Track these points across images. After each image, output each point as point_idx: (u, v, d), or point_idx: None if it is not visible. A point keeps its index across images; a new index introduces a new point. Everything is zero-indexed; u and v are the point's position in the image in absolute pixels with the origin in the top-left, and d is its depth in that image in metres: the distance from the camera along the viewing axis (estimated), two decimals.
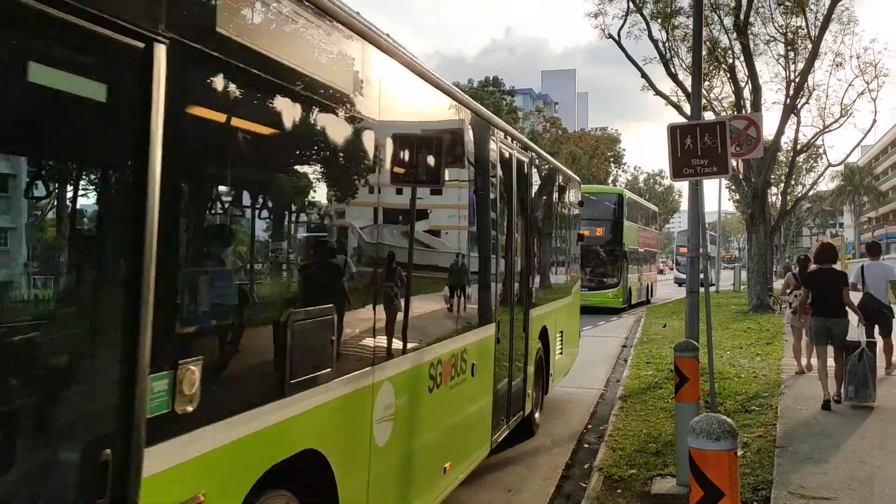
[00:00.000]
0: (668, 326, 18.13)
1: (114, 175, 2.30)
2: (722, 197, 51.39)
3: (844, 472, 5.87)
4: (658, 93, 25.16)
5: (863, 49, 40.33)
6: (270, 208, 3.16)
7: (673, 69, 24.24)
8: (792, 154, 27.66)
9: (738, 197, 26.48)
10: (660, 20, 24.28)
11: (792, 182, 34.83)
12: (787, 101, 23.66)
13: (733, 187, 26.95)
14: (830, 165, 35.02)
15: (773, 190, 31.45)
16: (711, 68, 24.51)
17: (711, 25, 23.46)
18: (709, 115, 21.73)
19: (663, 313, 22.99)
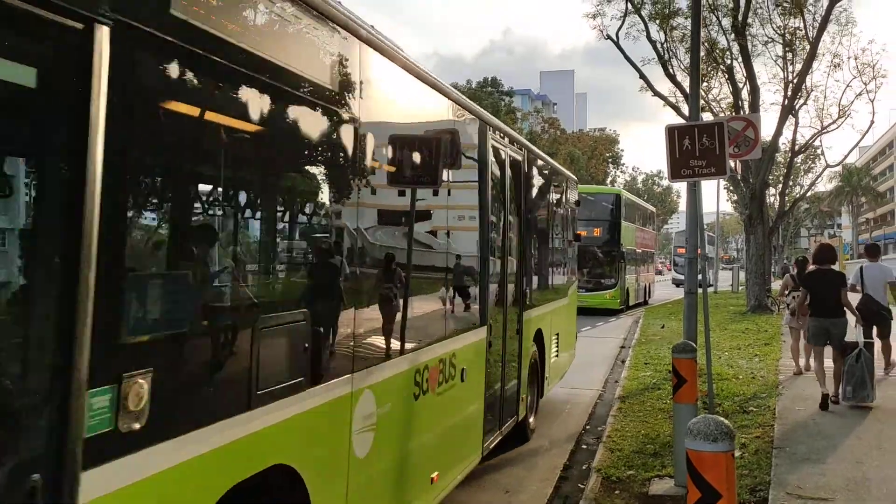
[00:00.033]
0: (667, 327, 18.15)
1: (47, 170, 2.11)
2: (720, 198, 51.40)
3: (842, 473, 5.88)
4: (656, 94, 25.22)
5: (861, 50, 40.61)
6: (232, 205, 2.90)
7: (671, 70, 24.30)
8: (790, 155, 27.75)
9: (737, 198, 26.52)
10: (658, 21, 24.32)
11: (790, 183, 34.91)
12: (786, 101, 23.73)
13: (731, 188, 27.01)
14: (828, 166, 35.19)
15: (771, 191, 31.52)
16: (710, 69, 24.55)
17: (710, 26, 23.51)
18: (707, 116, 21.81)
19: (661, 314, 23.00)
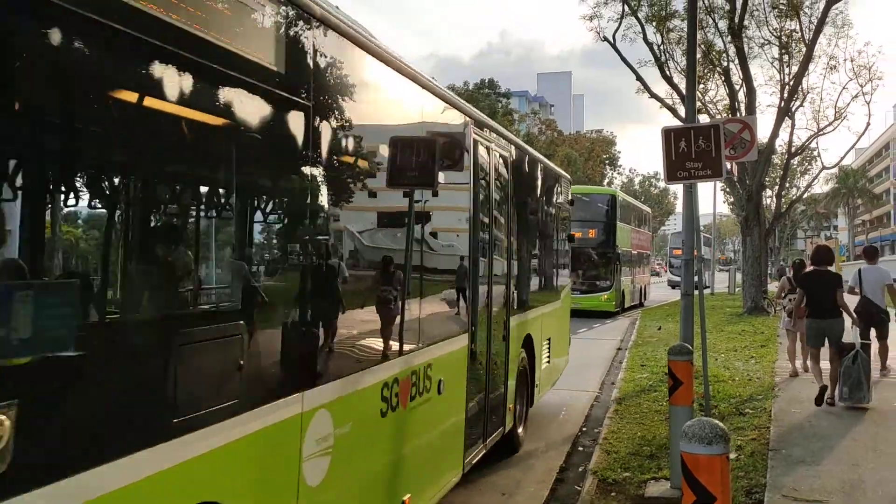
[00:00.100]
0: (663, 329, 18.16)
1: None
2: (717, 199, 51.50)
3: (838, 475, 5.89)
4: (653, 95, 25.26)
5: (857, 52, 40.15)
6: (138, 196, 2.48)
7: (668, 72, 24.32)
8: (786, 157, 27.75)
9: (733, 199, 26.56)
10: (654, 23, 24.34)
11: (786, 185, 34.92)
12: (782, 103, 23.77)
13: (728, 190, 27.03)
14: (825, 168, 35.31)
15: (767, 192, 31.46)
16: (706, 71, 24.58)
17: (706, 28, 23.54)
18: (703, 118, 21.82)
19: (658, 316, 23.02)
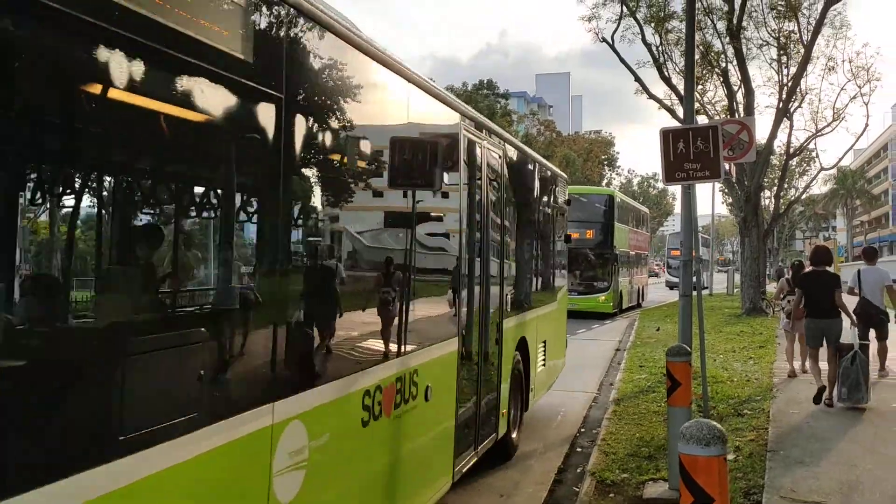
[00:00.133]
0: (662, 330, 18.17)
1: None
2: (715, 200, 51.48)
3: (836, 477, 5.89)
4: (651, 96, 25.28)
5: (855, 53, 40.69)
6: (91, 189, 2.30)
7: (666, 73, 24.34)
8: (785, 158, 27.80)
9: (732, 200, 26.59)
10: (653, 24, 24.36)
11: (785, 185, 34.98)
12: (780, 104, 23.79)
13: (727, 191, 27.07)
14: (823, 169, 35.46)
15: (766, 193, 31.50)
16: (704, 72, 24.60)
17: (704, 30, 23.56)
18: (702, 119, 21.84)
19: (657, 316, 23.03)
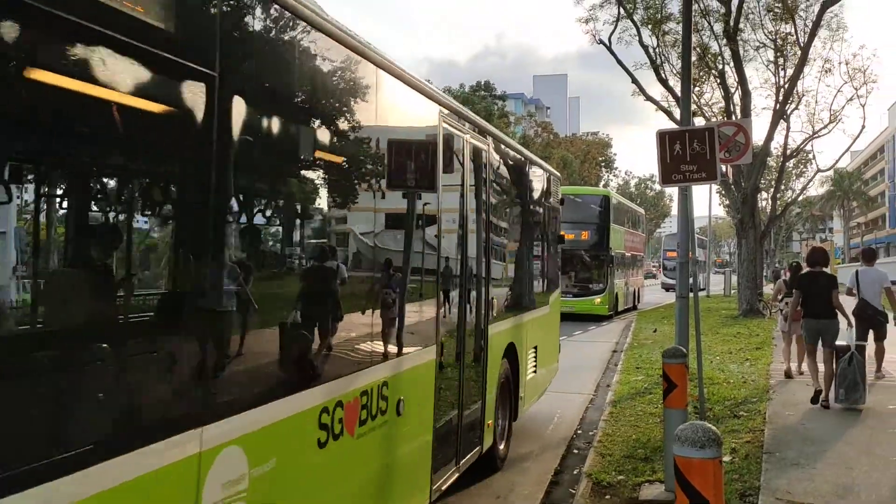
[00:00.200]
0: (659, 331, 18.18)
1: None
2: (712, 201, 51.70)
3: (831, 478, 5.89)
4: (648, 98, 25.33)
5: (852, 55, 40.60)
6: None
7: (663, 74, 24.39)
8: (781, 159, 27.87)
9: (729, 202, 26.62)
10: (650, 26, 24.42)
11: (781, 187, 35.03)
12: (777, 106, 23.85)
13: (723, 192, 27.13)
14: (820, 171, 35.47)
15: (762, 195, 31.62)
16: (701, 74, 24.66)
17: (701, 31, 23.63)
18: (699, 121, 21.88)
19: (654, 318, 23.05)
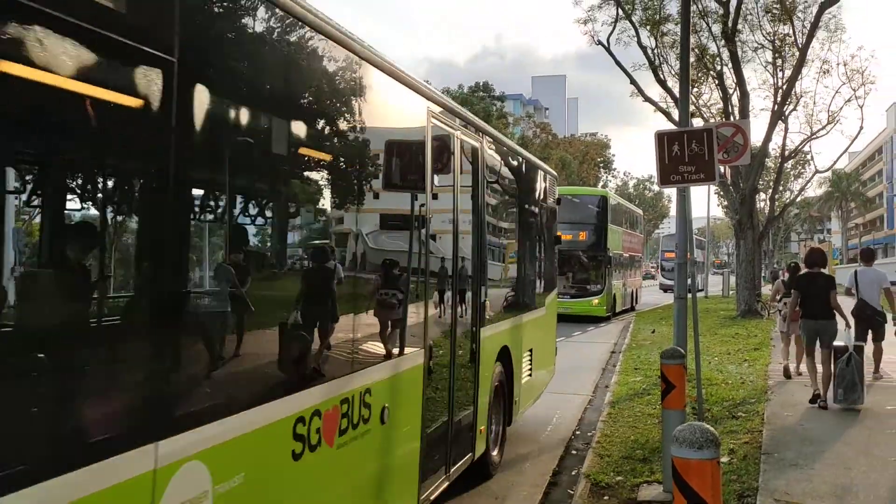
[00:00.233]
0: (657, 332, 18.19)
1: None
2: (711, 202, 51.72)
3: (830, 479, 5.89)
4: (647, 99, 25.35)
5: (850, 56, 40.61)
6: None
7: (662, 75, 24.42)
8: (780, 160, 27.92)
9: (727, 203, 26.65)
10: (648, 27, 24.44)
11: (780, 188, 35.10)
12: (775, 107, 23.88)
13: (722, 193, 27.16)
14: (818, 172, 35.45)
15: (761, 196, 31.70)
16: (700, 75, 24.69)
17: (700, 32, 23.66)
18: (697, 122, 21.90)
19: (652, 319, 23.06)
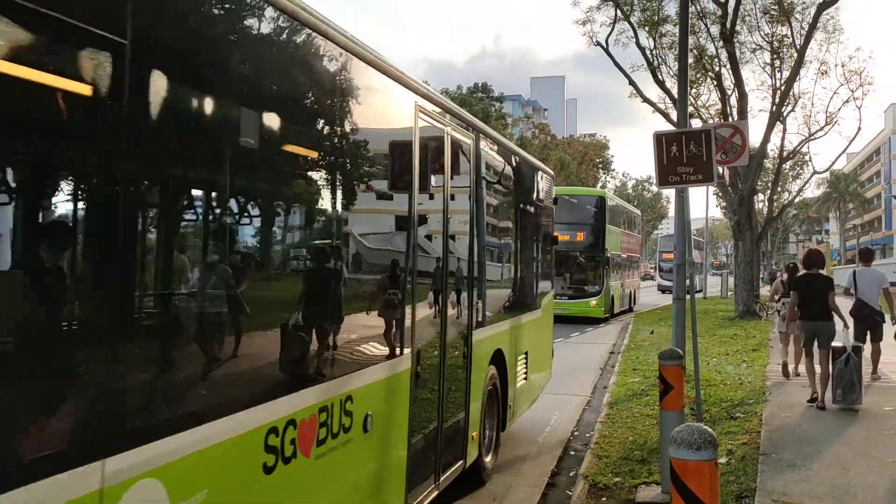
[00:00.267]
0: (656, 333, 18.21)
1: None
2: (709, 203, 51.76)
3: (828, 480, 5.89)
4: (645, 100, 25.37)
5: (848, 58, 40.60)
6: None
7: (660, 76, 24.45)
8: (778, 161, 27.94)
9: (726, 203, 26.69)
10: (647, 28, 24.47)
11: (778, 189, 35.10)
12: (773, 108, 23.92)
13: (720, 194, 27.18)
14: (816, 173, 35.45)
15: (759, 197, 31.72)
16: (698, 76, 24.71)
17: (698, 34, 23.67)
18: (696, 123, 21.91)
19: (651, 320, 23.07)
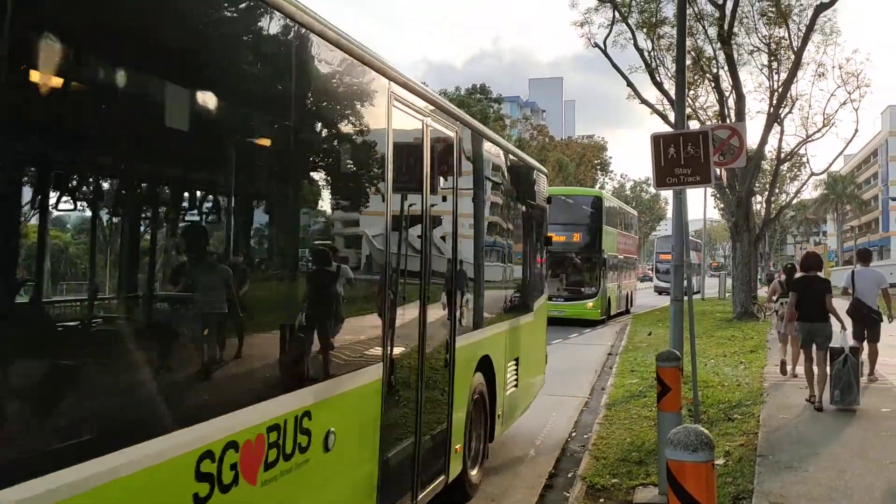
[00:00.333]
0: (654, 334, 18.21)
1: None
2: (707, 205, 51.88)
3: (825, 482, 5.90)
4: (643, 101, 25.37)
5: (845, 60, 40.81)
6: None
7: (658, 78, 24.47)
8: (775, 163, 27.94)
9: (723, 205, 26.71)
10: (645, 30, 24.49)
11: (776, 191, 35.16)
12: (771, 110, 23.94)
13: (718, 195, 27.21)
14: (813, 174, 35.49)
15: (757, 198, 31.68)
16: (696, 77, 24.74)
17: (696, 35, 23.69)
18: (694, 124, 21.94)
19: (649, 321, 23.07)
